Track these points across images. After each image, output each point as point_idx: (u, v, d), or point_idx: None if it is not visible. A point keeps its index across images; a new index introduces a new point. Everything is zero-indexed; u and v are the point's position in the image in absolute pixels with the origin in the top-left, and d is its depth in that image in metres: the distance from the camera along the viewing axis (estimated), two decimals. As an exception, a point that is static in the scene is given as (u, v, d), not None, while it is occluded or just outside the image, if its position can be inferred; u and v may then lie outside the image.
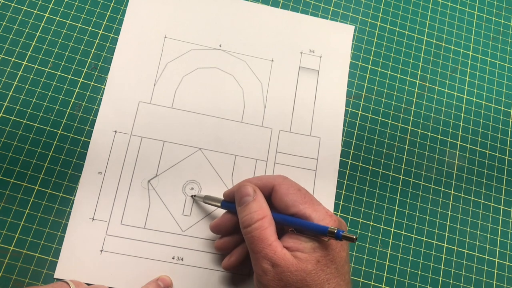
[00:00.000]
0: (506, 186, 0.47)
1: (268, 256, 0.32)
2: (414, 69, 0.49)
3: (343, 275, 0.33)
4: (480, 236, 0.45)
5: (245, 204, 0.35)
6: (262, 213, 0.34)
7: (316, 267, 0.32)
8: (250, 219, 0.34)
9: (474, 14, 0.52)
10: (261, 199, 0.35)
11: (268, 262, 0.32)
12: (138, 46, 0.45)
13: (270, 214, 0.34)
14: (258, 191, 0.35)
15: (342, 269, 0.33)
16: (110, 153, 0.42)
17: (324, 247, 0.33)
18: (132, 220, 0.41)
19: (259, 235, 0.33)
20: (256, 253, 0.33)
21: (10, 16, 0.45)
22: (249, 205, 0.35)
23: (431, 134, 0.47)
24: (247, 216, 0.34)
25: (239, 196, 0.36)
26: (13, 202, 0.40)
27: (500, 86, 0.50)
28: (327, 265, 0.32)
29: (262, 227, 0.33)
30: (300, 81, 0.47)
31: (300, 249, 0.33)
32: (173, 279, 0.40)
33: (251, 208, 0.34)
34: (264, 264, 0.32)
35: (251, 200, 0.35)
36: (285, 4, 0.49)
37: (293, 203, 0.34)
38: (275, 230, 0.34)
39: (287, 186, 0.35)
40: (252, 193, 0.35)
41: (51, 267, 0.39)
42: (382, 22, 0.50)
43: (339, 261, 0.33)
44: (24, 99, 0.43)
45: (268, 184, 0.36)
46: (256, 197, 0.35)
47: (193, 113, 0.44)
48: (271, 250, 0.32)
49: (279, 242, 0.33)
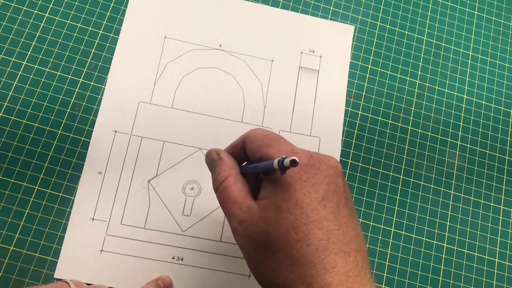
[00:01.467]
0: (506, 186, 0.47)
1: (234, 214, 0.29)
2: (414, 69, 0.49)
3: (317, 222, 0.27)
4: (480, 236, 0.45)
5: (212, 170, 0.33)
6: (225, 172, 0.31)
7: (277, 214, 0.27)
8: (216, 182, 0.32)
9: (474, 14, 0.52)
10: (224, 159, 0.32)
11: (235, 220, 0.29)
12: (138, 46, 0.45)
13: (236, 170, 0.32)
14: (222, 153, 0.33)
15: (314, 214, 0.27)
16: (110, 153, 0.42)
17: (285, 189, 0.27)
18: (132, 220, 0.41)
19: (224, 196, 0.30)
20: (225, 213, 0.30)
21: (10, 16, 0.45)
22: (214, 169, 0.33)
23: (431, 134, 0.47)
24: (214, 180, 0.32)
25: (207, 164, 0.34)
26: (13, 202, 0.40)
27: (500, 86, 0.50)
28: (290, 210, 0.27)
29: (226, 186, 0.30)
30: (300, 81, 0.47)
31: (263, 196, 0.29)
32: (173, 279, 0.40)
33: (215, 172, 0.32)
34: (233, 223, 0.29)
35: (216, 164, 0.33)
36: (285, 4, 0.49)
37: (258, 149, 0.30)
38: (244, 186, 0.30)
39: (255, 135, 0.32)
40: (216, 157, 0.33)
41: (51, 267, 0.39)
42: (382, 22, 0.50)
43: (308, 204, 0.27)
44: (24, 99, 0.43)
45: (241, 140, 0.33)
46: (220, 159, 0.33)
47: (193, 113, 0.44)
48: (236, 207, 0.29)
49: (246, 197, 0.30)
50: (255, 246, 0.28)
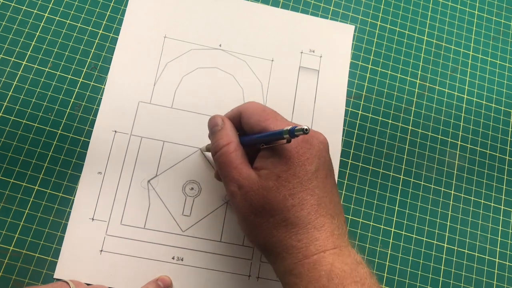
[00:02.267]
0: (506, 186, 0.47)
1: (234, 178, 0.33)
2: (415, 69, 0.49)
3: (310, 190, 0.32)
4: (480, 236, 0.45)
5: (214, 133, 0.36)
6: (228, 139, 0.34)
7: (277, 183, 0.31)
8: (217, 146, 0.35)
9: (474, 14, 0.52)
10: (228, 127, 0.35)
11: (235, 184, 0.33)
12: (138, 46, 0.45)
13: (237, 139, 0.35)
14: (226, 120, 0.36)
15: (308, 183, 0.32)
16: (110, 153, 0.42)
17: (285, 161, 0.32)
18: (132, 220, 0.41)
19: (225, 160, 0.33)
20: (224, 177, 0.34)
21: (10, 16, 0.45)
22: (216, 133, 0.35)
23: (432, 134, 0.47)
24: (215, 143, 0.35)
25: (210, 127, 0.37)
26: (13, 202, 0.40)
27: (500, 86, 0.50)
28: (288, 180, 0.31)
29: (227, 151, 0.34)
30: (300, 81, 0.47)
31: (263, 166, 0.33)
32: (173, 279, 0.40)
33: (218, 136, 0.35)
34: (231, 187, 0.33)
35: (219, 129, 0.35)
36: (285, 4, 0.49)
37: (257, 123, 0.34)
38: (243, 154, 0.34)
39: (252, 109, 0.35)
40: (220, 123, 0.36)
41: (51, 267, 0.39)
42: (382, 22, 0.50)
43: (303, 175, 0.32)
44: (24, 99, 0.43)
45: (237, 112, 0.36)
46: (224, 125, 0.35)
47: (193, 113, 0.44)
48: (236, 173, 0.33)
49: (245, 164, 0.33)
50: (254, 209, 0.32)
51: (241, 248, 0.42)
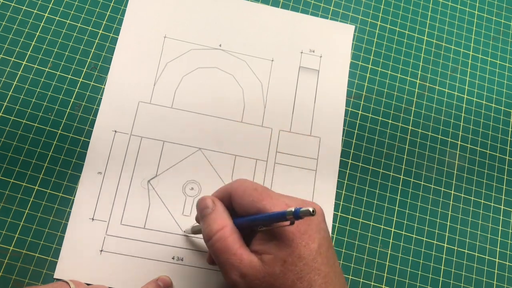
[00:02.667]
0: (506, 186, 0.47)
1: (234, 265, 0.31)
2: (414, 69, 0.49)
3: (316, 269, 0.30)
4: (480, 236, 0.45)
5: (205, 217, 0.34)
6: (222, 223, 0.32)
7: (283, 268, 0.30)
8: (210, 231, 0.32)
9: (474, 14, 0.52)
10: (220, 209, 0.33)
11: (236, 273, 0.31)
12: (138, 46, 0.45)
13: (231, 223, 0.33)
14: (217, 202, 0.34)
15: (313, 262, 0.30)
16: (110, 153, 0.42)
17: (288, 244, 0.30)
18: (132, 220, 0.41)
19: (221, 246, 0.31)
20: (222, 265, 0.31)
21: (10, 16, 0.45)
22: (208, 217, 0.33)
23: (432, 134, 0.47)
24: (207, 228, 0.33)
25: (199, 210, 0.34)
26: (13, 202, 0.40)
27: (500, 86, 0.50)
28: (295, 263, 0.30)
29: (223, 237, 0.31)
30: (300, 81, 0.47)
31: (265, 250, 0.31)
32: (173, 279, 0.40)
33: (210, 220, 0.33)
34: (233, 276, 0.31)
35: (209, 211, 0.33)
36: (285, 4, 0.49)
37: (251, 204, 0.32)
38: (240, 238, 0.32)
39: (242, 189, 0.33)
40: (210, 205, 0.34)
41: (51, 267, 0.39)
42: (382, 22, 0.50)
43: (308, 255, 0.30)
44: (24, 99, 0.43)
45: (226, 193, 0.34)
46: (215, 208, 0.33)
47: (193, 113, 0.44)
48: (236, 259, 0.31)
49: (244, 249, 0.31)
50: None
51: (241, 248, 0.41)
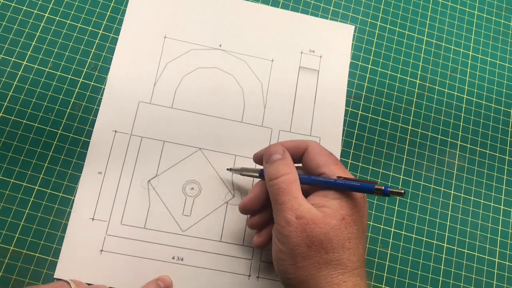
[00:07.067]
0: (506, 186, 0.47)
1: (293, 207, 0.32)
2: (414, 69, 0.49)
3: (362, 238, 0.34)
4: (480, 236, 0.45)
5: (272, 161, 0.35)
6: (289, 169, 0.34)
7: (341, 223, 0.32)
8: (276, 172, 0.34)
9: (474, 14, 0.52)
10: (288, 158, 0.35)
11: (293, 213, 0.32)
12: (138, 46, 0.45)
13: (297, 174, 0.34)
14: (286, 152, 0.36)
15: (363, 233, 0.34)
16: (110, 153, 0.42)
17: (350, 207, 0.33)
18: (132, 220, 0.41)
19: (285, 188, 0.33)
20: (280, 203, 0.33)
21: (10, 16, 0.45)
22: (276, 162, 0.35)
23: (431, 134, 0.47)
24: (275, 169, 0.34)
25: (268, 155, 0.36)
26: (13, 202, 0.40)
27: (500, 86, 0.50)
28: (350, 224, 0.33)
29: (288, 180, 0.34)
30: (300, 81, 0.47)
31: (326, 205, 0.33)
32: (173, 279, 0.40)
33: (278, 165, 0.35)
34: (288, 214, 0.32)
35: (279, 158, 0.35)
36: (285, 4, 0.49)
37: (325, 163, 0.35)
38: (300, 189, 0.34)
39: (320, 148, 0.36)
40: (281, 152, 0.35)
41: (51, 267, 0.39)
42: (382, 22, 0.50)
43: (361, 224, 0.33)
44: (24, 99, 0.43)
45: (301, 145, 0.36)
46: (285, 155, 0.35)
47: (193, 113, 0.44)
48: (296, 203, 0.33)
49: (304, 198, 0.33)
50: (310, 242, 0.32)
51: (241, 248, 0.42)
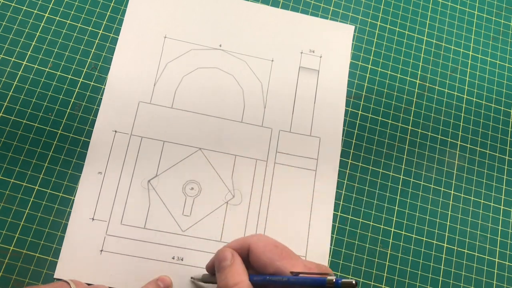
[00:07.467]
0: (506, 186, 0.47)
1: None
2: (414, 69, 0.49)
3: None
4: (480, 236, 0.45)
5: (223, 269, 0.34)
6: (238, 277, 0.32)
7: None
8: (226, 284, 0.33)
9: (474, 14, 0.52)
10: (238, 263, 0.34)
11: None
12: (138, 46, 0.45)
13: (247, 278, 0.33)
14: (236, 256, 0.34)
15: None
16: (110, 153, 0.42)
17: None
18: (132, 220, 0.41)
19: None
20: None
21: (10, 16, 0.45)
22: (225, 270, 0.33)
23: (431, 134, 0.47)
24: (224, 280, 0.33)
25: (218, 261, 0.35)
26: (13, 202, 0.40)
27: (500, 86, 0.50)
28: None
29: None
30: (300, 81, 0.47)
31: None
32: (173, 279, 0.40)
33: (227, 273, 0.33)
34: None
35: (228, 264, 0.34)
36: (285, 4, 0.49)
37: (270, 261, 0.32)
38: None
39: (263, 244, 0.33)
40: (229, 258, 0.34)
41: (51, 267, 0.39)
42: (382, 22, 0.50)
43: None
44: (24, 99, 0.43)
45: (244, 245, 0.34)
46: (233, 261, 0.34)
47: (193, 113, 0.44)
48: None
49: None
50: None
51: (241, 248, 0.41)
